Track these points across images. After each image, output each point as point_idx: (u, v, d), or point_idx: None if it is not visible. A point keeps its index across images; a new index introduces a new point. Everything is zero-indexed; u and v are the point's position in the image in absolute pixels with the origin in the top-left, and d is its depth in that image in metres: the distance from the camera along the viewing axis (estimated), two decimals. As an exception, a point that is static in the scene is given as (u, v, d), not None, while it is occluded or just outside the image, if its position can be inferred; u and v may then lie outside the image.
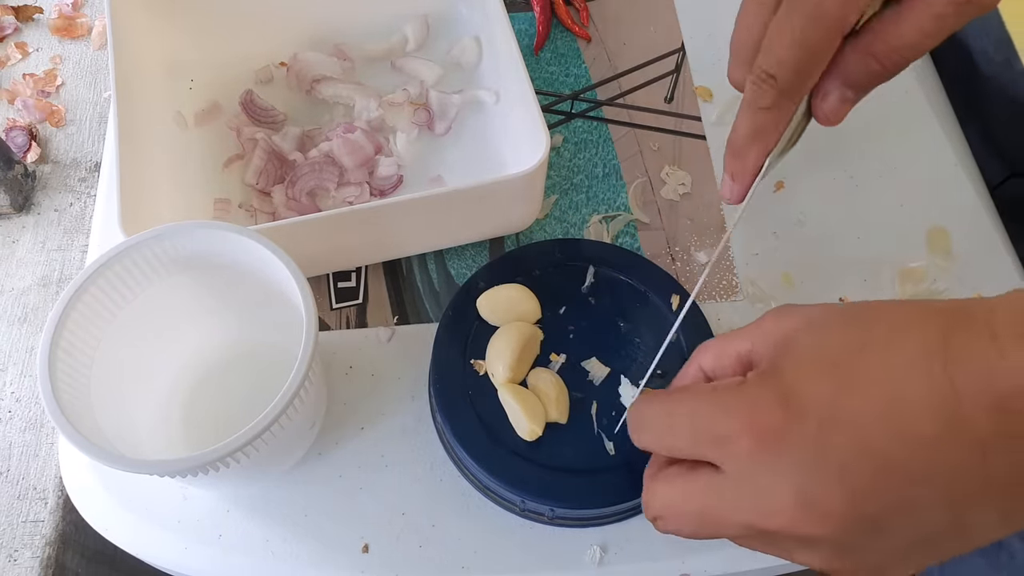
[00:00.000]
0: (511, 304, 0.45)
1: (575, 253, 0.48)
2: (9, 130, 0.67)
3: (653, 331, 0.45)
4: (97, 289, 0.38)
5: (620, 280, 0.47)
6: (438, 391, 0.43)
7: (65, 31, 0.76)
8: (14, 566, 0.49)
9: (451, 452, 0.43)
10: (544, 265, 0.47)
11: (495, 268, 0.47)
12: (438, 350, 0.44)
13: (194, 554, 0.42)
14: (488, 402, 0.43)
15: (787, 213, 0.53)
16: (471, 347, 0.44)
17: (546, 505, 0.40)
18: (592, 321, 0.46)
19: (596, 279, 0.47)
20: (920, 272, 0.50)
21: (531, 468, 0.41)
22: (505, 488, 0.40)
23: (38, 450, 0.52)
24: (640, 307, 0.46)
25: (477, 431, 0.42)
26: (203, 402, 0.45)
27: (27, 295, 0.59)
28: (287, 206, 0.51)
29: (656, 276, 0.47)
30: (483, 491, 0.43)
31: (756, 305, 0.49)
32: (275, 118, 0.55)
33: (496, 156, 0.54)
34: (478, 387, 0.43)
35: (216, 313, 0.45)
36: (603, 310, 0.46)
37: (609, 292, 0.47)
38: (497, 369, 0.43)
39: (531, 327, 0.45)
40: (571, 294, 0.46)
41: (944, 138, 0.56)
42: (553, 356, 0.44)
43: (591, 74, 0.59)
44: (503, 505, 0.42)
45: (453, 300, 0.46)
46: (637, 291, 0.46)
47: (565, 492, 0.40)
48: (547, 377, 0.43)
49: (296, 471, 0.44)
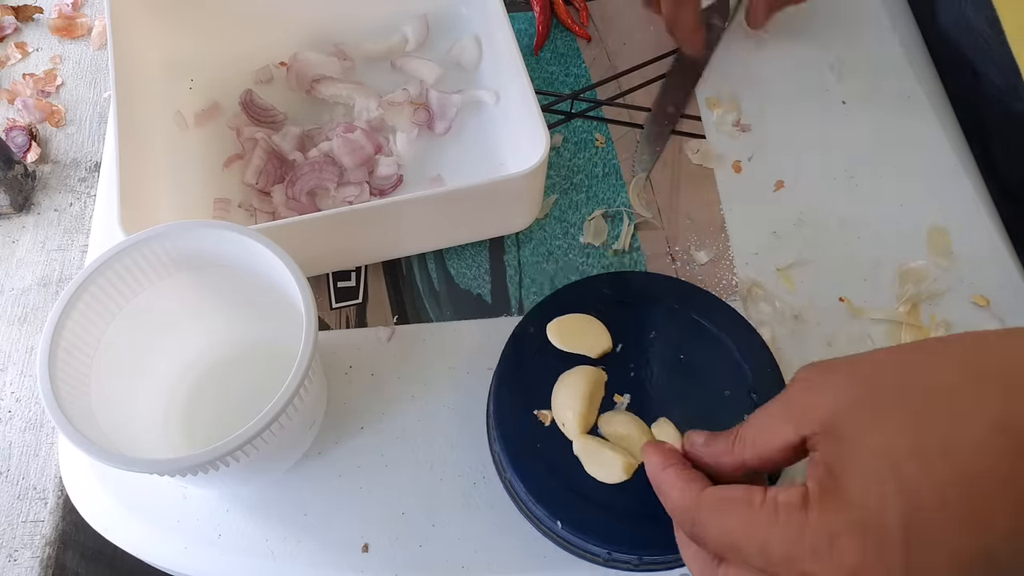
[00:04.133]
0: (583, 331, 0.44)
1: (632, 287, 0.46)
2: (9, 130, 0.67)
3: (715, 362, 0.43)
4: (97, 288, 0.38)
5: (677, 312, 0.45)
6: (506, 447, 0.40)
7: (65, 31, 0.76)
8: (14, 566, 0.49)
9: (524, 509, 0.41)
10: (599, 300, 0.45)
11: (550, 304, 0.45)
12: (498, 402, 0.42)
13: (193, 554, 0.42)
14: (558, 453, 0.40)
15: (787, 213, 0.53)
16: (534, 396, 0.42)
17: (634, 555, 0.38)
18: (652, 358, 0.43)
19: (652, 314, 0.45)
20: (920, 272, 0.50)
21: (615, 517, 0.39)
22: (591, 542, 0.38)
23: (38, 450, 0.52)
24: (699, 339, 0.44)
25: (551, 483, 0.39)
26: (203, 401, 0.46)
27: (27, 295, 0.59)
28: (287, 206, 0.51)
29: (715, 308, 0.45)
30: (560, 544, 0.41)
31: (758, 305, 0.49)
32: (275, 118, 0.55)
33: (496, 156, 0.54)
34: (547, 438, 0.41)
35: (216, 313, 0.45)
36: (662, 345, 0.44)
37: (667, 327, 0.44)
38: (567, 418, 0.41)
39: (595, 371, 0.43)
40: (629, 331, 0.44)
41: (944, 138, 0.56)
42: (617, 397, 0.42)
43: (591, 74, 0.59)
44: (586, 558, 0.40)
45: (509, 343, 0.44)
46: (694, 322, 0.44)
47: (653, 538, 0.38)
48: (622, 419, 0.41)
49: (296, 471, 0.44)
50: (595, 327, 0.44)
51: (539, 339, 0.44)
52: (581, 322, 0.44)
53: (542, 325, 0.44)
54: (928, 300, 0.49)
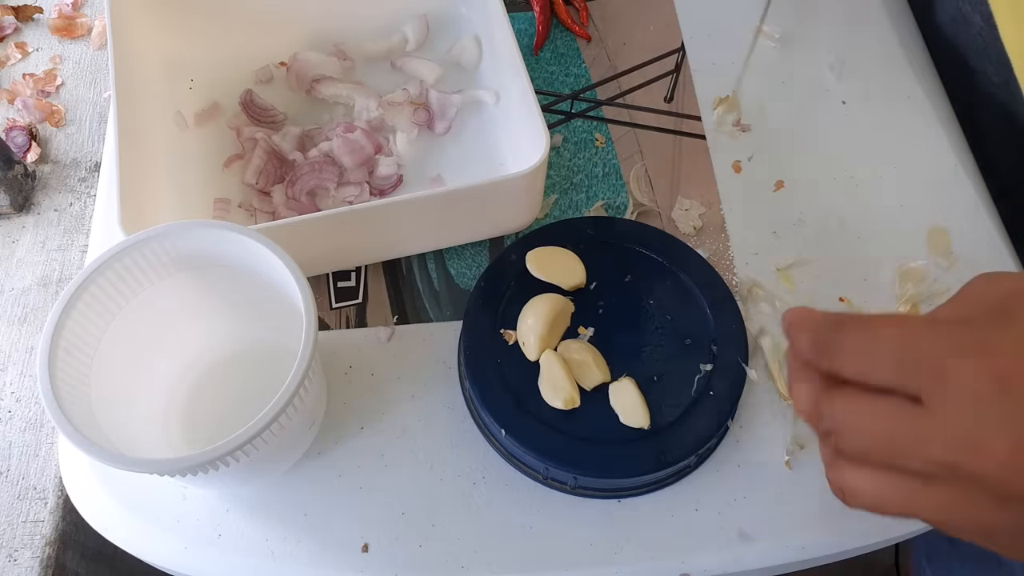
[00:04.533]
0: (560, 263, 0.46)
1: (611, 231, 0.49)
2: (9, 130, 0.67)
3: (682, 311, 0.46)
4: (97, 288, 0.38)
5: (654, 260, 0.47)
6: (468, 359, 0.44)
7: (65, 31, 0.76)
8: (14, 566, 0.49)
9: (477, 417, 0.45)
10: (581, 239, 0.48)
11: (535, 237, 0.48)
12: (470, 317, 0.45)
13: (193, 554, 0.42)
14: (516, 371, 0.44)
15: (787, 213, 0.53)
16: (502, 317, 0.45)
17: (569, 473, 0.41)
18: (622, 298, 0.46)
19: (629, 258, 0.47)
20: (920, 272, 0.50)
21: (557, 437, 0.42)
22: (531, 455, 0.41)
23: (38, 450, 0.52)
24: (671, 288, 0.47)
25: (505, 398, 0.43)
26: (203, 401, 0.46)
27: (27, 295, 0.59)
28: (287, 206, 0.51)
29: (692, 261, 0.47)
30: (507, 457, 0.44)
31: (758, 305, 0.49)
32: (275, 118, 0.55)
33: (496, 156, 0.54)
34: (507, 355, 0.44)
35: (216, 313, 0.45)
36: (634, 288, 0.47)
37: (642, 272, 0.47)
38: (528, 339, 0.44)
39: (562, 299, 0.45)
40: (605, 271, 0.47)
41: (944, 138, 0.56)
42: (581, 329, 0.45)
43: (591, 74, 0.59)
44: (526, 472, 0.43)
45: (489, 267, 0.47)
46: (669, 271, 0.47)
47: (588, 461, 0.41)
48: (578, 347, 0.44)
49: (296, 471, 0.44)
50: (572, 261, 0.47)
51: (518, 267, 0.47)
52: (559, 254, 0.47)
53: (523, 255, 0.47)
54: (928, 300, 0.49)
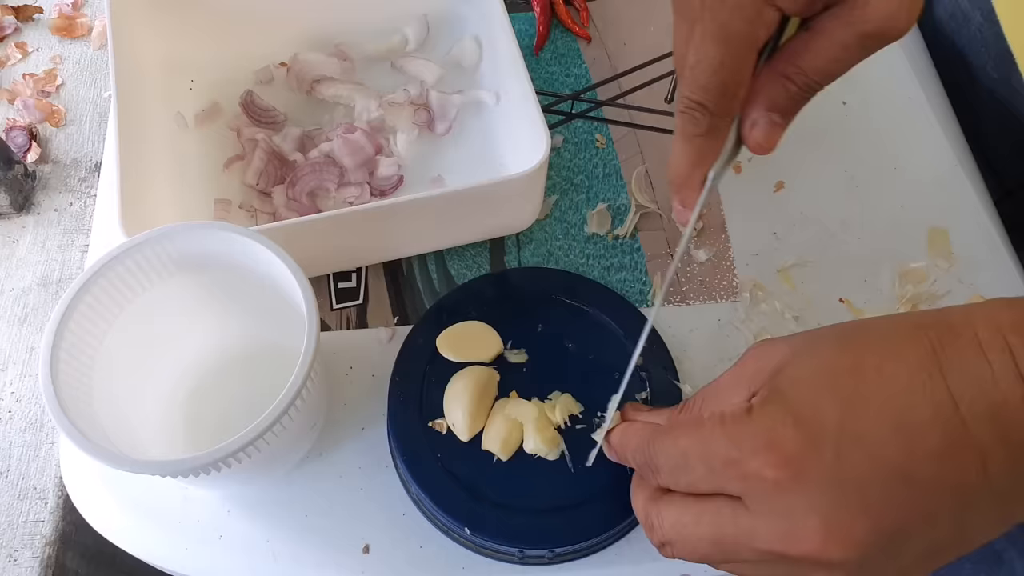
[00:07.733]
0: (472, 338, 0.44)
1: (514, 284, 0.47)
2: (9, 130, 0.67)
3: (609, 358, 0.44)
4: (99, 289, 0.38)
5: (562, 303, 0.46)
6: (407, 464, 0.41)
7: (65, 31, 0.76)
8: (14, 566, 0.49)
9: (434, 520, 0.42)
10: (483, 303, 0.46)
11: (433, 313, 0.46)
12: (394, 420, 0.43)
13: (195, 554, 0.42)
14: (460, 460, 0.41)
15: (787, 213, 0.53)
16: (427, 407, 0.43)
17: (545, 548, 0.40)
18: (545, 353, 0.45)
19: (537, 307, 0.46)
20: (920, 272, 0.50)
21: (521, 516, 0.40)
22: (501, 543, 0.40)
23: (38, 450, 0.52)
24: (593, 334, 0.45)
25: (458, 493, 0.40)
26: (204, 402, 0.46)
27: (27, 295, 0.59)
28: (287, 207, 0.51)
29: (596, 293, 0.46)
30: (478, 551, 0.41)
31: (759, 306, 0.49)
32: (275, 118, 0.55)
33: (496, 156, 0.54)
34: (444, 445, 0.42)
35: (217, 314, 0.45)
36: (554, 340, 0.45)
37: (553, 318, 0.46)
38: (457, 418, 0.42)
39: (485, 370, 0.44)
40: (516, 327, 0.45)
41: (944, 138, 0.56)
42: (513, 395, 0.43)
43: (591, 74, 0.59)
44: (501, 559, 0.41)
45: (399, 358, 0.44)
46: (588, 317, 0.46)
47: (562, 530, 0.39)
48: (514, 402, 0.43)
49: (297, 471, 0.44)
50: (483, 331, 0.45)
51: (429, 350, 0.44)
52: (470, 329, 0.45)
53: (431, 335, 0.45)
54: (928, 301, 0.49)
